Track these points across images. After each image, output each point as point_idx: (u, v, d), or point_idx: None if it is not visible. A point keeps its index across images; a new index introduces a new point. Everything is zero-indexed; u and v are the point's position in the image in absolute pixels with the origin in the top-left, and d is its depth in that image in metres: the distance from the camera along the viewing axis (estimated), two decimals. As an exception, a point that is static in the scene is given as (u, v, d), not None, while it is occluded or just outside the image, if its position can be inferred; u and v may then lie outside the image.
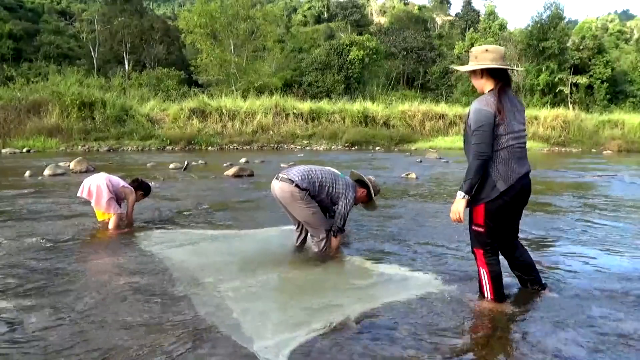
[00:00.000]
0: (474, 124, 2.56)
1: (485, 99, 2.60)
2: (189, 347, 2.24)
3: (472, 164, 2.57)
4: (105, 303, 2.78)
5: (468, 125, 2.64)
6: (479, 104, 2.59)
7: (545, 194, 7.82)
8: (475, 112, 2.57)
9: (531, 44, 35.21)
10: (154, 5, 65.36)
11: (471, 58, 2.68)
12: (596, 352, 2.27)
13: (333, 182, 3.83)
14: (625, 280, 3.34)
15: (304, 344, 2.28)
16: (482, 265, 2.73)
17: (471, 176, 2.57)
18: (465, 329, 2.51)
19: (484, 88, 2.69)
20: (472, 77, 2.73)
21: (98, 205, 4.56)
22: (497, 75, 2.65)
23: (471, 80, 2.76)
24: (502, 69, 2.64)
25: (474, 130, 2.56)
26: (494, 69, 2.63)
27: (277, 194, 3.83)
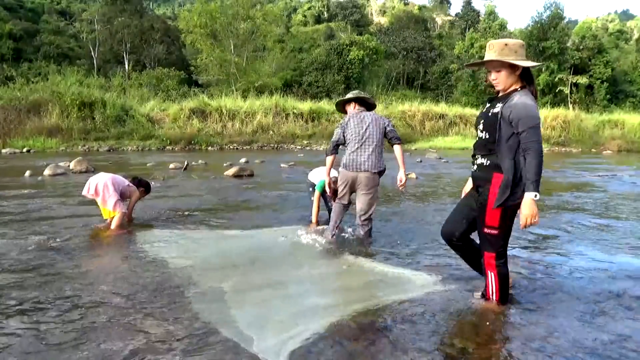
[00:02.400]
0: (531, 120, 2.39)
1: (529, 95, 2.48)
2: (189, 347, 2.24)
3: (535, 162, 2.37)
4: (105, 303, 2.78)
5: (510, 120, 2.43)
6: (528, 98, 2.45)
7: (545, 194, 7.82)
8: (529, 107, 2.40)
9: (531, 44, 35.19)
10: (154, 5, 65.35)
11: (506, 52, 2.49)
12: (597, 351, 2.27)
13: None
14: (625, 280, 3.34)
15: (304, 344, 2.29)
16: (491, 269, 2.62)
17: (538, 176, 2.39)
18: (466, 329, 2.51)
19: (512, 86, 2.56)
20: (503, 71, 2.54)
21: (104, 203, 4.57)
22: (525, 75, 2.59)
23: (492, 74, 2.57)
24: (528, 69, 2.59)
25: (532, 126, 2.38)
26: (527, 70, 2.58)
27: (364, 180, 4.21)
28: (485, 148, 2.57)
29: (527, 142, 2.40)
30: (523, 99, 2.43)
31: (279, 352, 2.20)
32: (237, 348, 2.24)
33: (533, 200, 2.39)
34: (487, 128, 2.55)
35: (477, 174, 2.65)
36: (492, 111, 2.53)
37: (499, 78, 2.55)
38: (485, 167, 2.56)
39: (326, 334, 2.40)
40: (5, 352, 2.18)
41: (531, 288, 3.15)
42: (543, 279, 3.35)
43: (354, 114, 4.38)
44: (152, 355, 2.16)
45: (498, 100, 2.58)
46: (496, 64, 2.53)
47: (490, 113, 2.55)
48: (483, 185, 2.57)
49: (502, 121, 2.46)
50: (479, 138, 2.62)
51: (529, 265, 3.69)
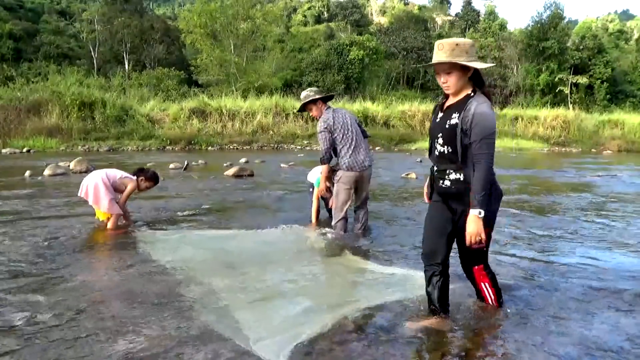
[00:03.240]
0: (486, 130, 2.24)
1: (487, 102, 2.31)
2: (189, 347, 2.24)
3: (483, 176, 2.23)
4: (104, 304, 2.78)
5: (466, 130, 2.28)
6: (486, 106, 2.28)
7: (546, 194, 7.82)
8: (486, 117, 2.25)
9: (531, 44, 35.20)
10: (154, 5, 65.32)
11: (457, 52, 2.27)
12: (597, 351, 2.27)
13: None
14: (625, 280, 3.34)
15: (303, 344, 2.28)
16: (482, 280, 2.57)
17: (486, 189, 2.26)
18: (465, 328, 2.51)
19: (463, 89, 2.37)
20: (454, 74, 2.32)
21: (97, 205, 4.54)
22: (475, 77, 2.39)
23: (441, 77, 2.35)
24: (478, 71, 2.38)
25: (486, 136, 2.23)
26: (476, 71, 2.37)
27: (366, 177, 4.43)
28: (452, 162, 2.38)
29: (478, 154, 2.25)
30: (481, 108, 2.26)
31: (279, 352, 2.20)
32: (237, 348, 2.24)
33: (477, 217, 2.25)
34: (448, 141, 2.36)
35: (453, 191, 2.41)
36: (450, 122, 2.34)
37: (450, 81, 2.34)
38: (463, 182, 2.35)
39: (326, 334, 2.40)
40: (3, 353, 2.18)
41: (531, 288, 3.15)
42: (543, 278, 3.35)
43: (331, 113, 4.37)
44: (151, 355, 2.16)
45: (452, 108, 2.38)
46: (446, 66, 2.31)
47: (447, 125, 2.35)
48: (464, 203, 2.35)
49: (462, 133, 2.29)
50: (441, 152, 2.41)
51: (528, 265, 3.69)
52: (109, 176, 4.59)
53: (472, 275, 2.55)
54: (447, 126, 2.35)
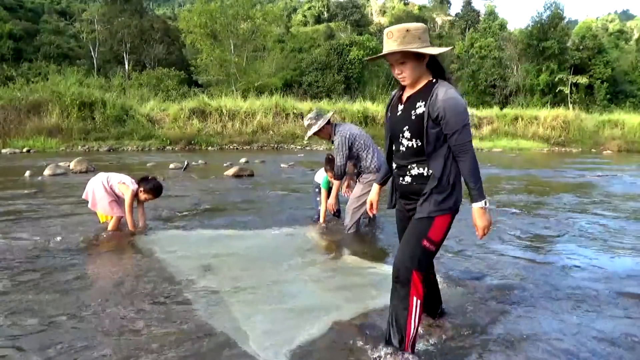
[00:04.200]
0: (462, 118, 2.04)
1: (452, 87, 2.09)
2: (189, 347, 2.24)
3: (473, 166, 2.06)
4: (103, 304, 2.78)
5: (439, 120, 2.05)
6: (453, 92, 2.06)
7: (545, 194, 7.82)
8: (458, 104, 2.03)
9: (531, 44, 35.21)
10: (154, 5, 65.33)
11: (409, 39, 2.03)
12: (597, 351, 2.27)
13: None
14: (625, 280, 3.34)
15: (303, 344, 2.28)
16: (416, 294, 2.07)
17: (480, 181, 2.09)
18: (465, 329, 2.51)
19: (421, 78, 2.14)
20: (409, 63, 2.08)
21: (95, 207, 4.52)
22: (433, 64, 2.16)
23: (395, 68, 2.12)
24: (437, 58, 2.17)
25: (465, 125, 2.04)
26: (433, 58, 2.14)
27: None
28: (418, 156, 2.13)
29: (459, 145, 2.05)
30: (450, 94, 2.03)
31: (279, 352, 2.20)
32: (236, 348, 2.24)
33: (483, 209, 2.08)
34: (417, 134, 2.11)
35: (414, 188, 2.17)
36: (416, 112, 2.10)
37: (405, 72, 2.09)
38: (426, 178, 2.13)
39: (326, 334, 2.40)
40: (3, 353, 2.18)
41: (531, 288, 3.15)
42: (542, 279, 3.35)
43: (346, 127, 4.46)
44: (151, 356, 2.16)
45: (415, 98, 2.13)
46: (399, 55, 2.06)
47: (413, 116, 2.11)
48: (418, 198, 2.16)
49: (430, 122, 2.06)
50: (408, 147, 2.15)
51: (528, 265, 3.69)
52: (109, 180, 4.54)
53: (408, 282, 2.07)
54: (413, 117, 2.11)
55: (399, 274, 2.08)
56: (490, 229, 2.12)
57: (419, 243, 2.08)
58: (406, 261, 2.08)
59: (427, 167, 2.12)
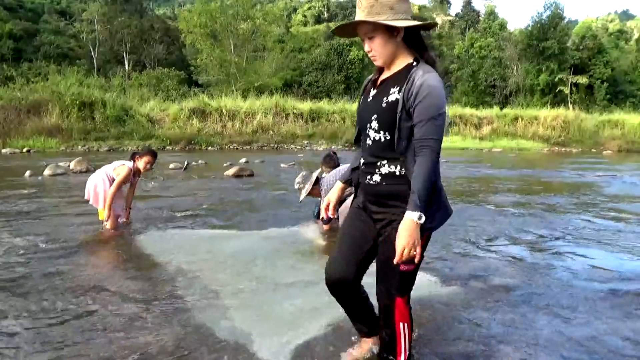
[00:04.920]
0: (433, 109, 1.67)
1: (432, 72, 1.72)
2: (189, 348, 2.24)
3: (427, 168, 1.67)
4: (103, 304, 2.77)
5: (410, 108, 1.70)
6: (433, 77, 1.69)
7: (545, 194, 7.82)
8: (436, 90, 1.67)
9: (531, 44, 35.24)
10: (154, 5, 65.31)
11: (377, 8, 1.69)
12: (596, 351, 2.27)
13: None
14: (625, 280, 3.34)
15: (303, 344, 2.28)
16: (403, 319, 1.87)
17: (428, 190, 1.68)
18: (464, 329, 2.51)
19: (397, 58, 1.79)
20: (378, 38, 1.74)
21: (96, 203, 4.54)
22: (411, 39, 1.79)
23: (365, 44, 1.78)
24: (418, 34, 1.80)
25: (436, 116, 1.67)
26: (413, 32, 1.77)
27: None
28: (389, 152, 1.78)
29: (422, 139, 1.68)
30: (427, 78, 1.67)
31: (279, 352, 2.20)
32: (236, 348, 2.24)
33: (415, 222, 1.65)
34: (386, 125, 1.76)
35: (383, 190, 1.80)
36: (388, 100, 1.75)
37: (375, 48, 1.75)
38: (398, 179, 1.77)
39: (326, 334, 2.39)
40: (1, 352, 2.18)
41: (531, 289, 3.15)
42: (542, 279, 3.35)
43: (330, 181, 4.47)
44: (150, 355, 2.16)
45: (390, 82, 1.79)
46: (367, 28, 1.73)
47: (384, 103, 1.76)
48: (395, 204, 1.77)
49: (404, 114, 1.71)
50: (375, 140, 1.80)
51: (529, 265, 3.69)
52: (108, 174, 4.56)
53: (392, 310, 1.85)
54: (383, 105, 1.76)
55: (381, 304, 1.89)
56: (413, 252, 1.67)
57: (396, 269, 1.76)
58: (387, 292, 1.85)
59: (400, 165, 1.76)
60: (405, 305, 1.86)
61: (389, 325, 1.87)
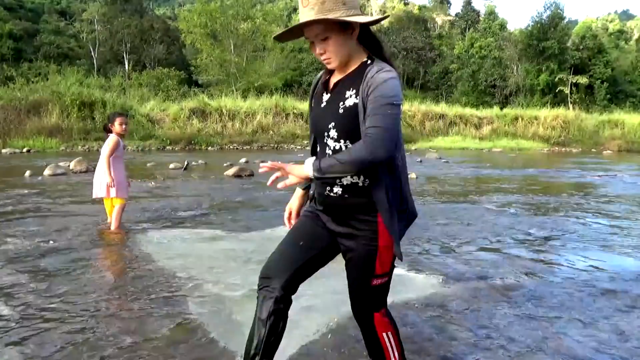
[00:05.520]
0: (385, 98, 1.47)
1: (390, 68, 1.55)
2: (188, 349, 2.24)
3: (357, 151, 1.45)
4: (103, 304, 2.77)
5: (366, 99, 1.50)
6: (389, 73, 1.52)
7: (545, 194, 7.82)
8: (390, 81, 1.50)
9: (531, 44, 35.25)
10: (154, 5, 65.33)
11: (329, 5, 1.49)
12: (596, 351, 2.27)
13: None
14: (625, 280, 3.34)
15: (303, 344, 2.28)
16: (385, 329, 1.74)
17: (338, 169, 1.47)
18: (465, 329, 2.50)
19: (354, 58, 1.61)
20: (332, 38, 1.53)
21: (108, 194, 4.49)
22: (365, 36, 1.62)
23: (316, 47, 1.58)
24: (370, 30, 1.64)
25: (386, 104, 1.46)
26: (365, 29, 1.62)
27: None
28: None
29: (367, 128, 1.46)
30: (381, 73, 1.50)
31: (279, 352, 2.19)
32: (236, 348, 2.24)
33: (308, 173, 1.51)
34: (345, 133, 1.58)
35: (347, 202, 1.61)
36: (345, 105, 1.56)
37: (330, 51, 1.55)
38: (362, 189, 1.58)
39: (326, 335, 2.39)
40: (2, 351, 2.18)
41: (531, 289, 3.15)
42: (542, 279, 3.35)
43: None
44: (149, 355, 2.16)
45: (345, 84, 1.60)
46: (318, 29, 1.52)
47: (341, 109, 1.57)
48: (358, 218, 1.61)
49: (364, 116, 1.51)
50: (336, 150, 1.60)
51: (528, 265, 3.69)
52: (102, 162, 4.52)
53: (371, 325, 1.73)
54: (341, 111, 1.58)
55: (360, 323, 1.76)
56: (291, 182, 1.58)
57: (367, 286, 1.65)
58: (362, 310, 1.72)
59: (363, 175, 1.57)
60: (383, 317, 1.74)
61: (372, 339, 1.76)
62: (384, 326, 1.73)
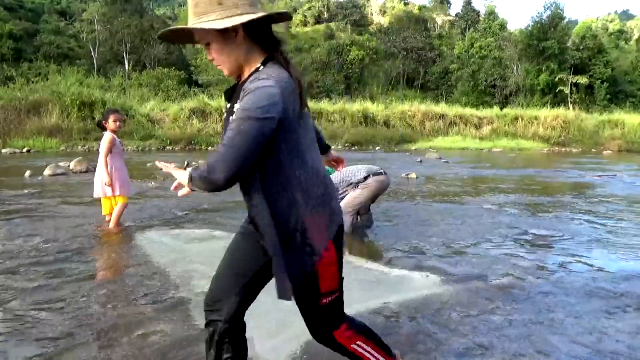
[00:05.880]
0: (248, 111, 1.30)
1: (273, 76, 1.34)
2: (187, 347, 2.24)
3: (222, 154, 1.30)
4: (102, 304, 2.78)
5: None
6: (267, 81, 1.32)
7: (545, 194, 7.83)
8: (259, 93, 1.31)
9: (531, 44, 35.24)
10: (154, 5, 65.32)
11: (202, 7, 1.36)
12: (596, 351, 2.27)
13: None
14: (625, 280, 3.34)
15: (303, 344, 2.28)
16: (352, 341, 1.62)
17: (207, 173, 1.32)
18: (465, 329, 2.51)
19: (248, 64, 1.44)
20: (214, 43, 1.41)
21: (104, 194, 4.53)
22: (261, 37, 1.43)
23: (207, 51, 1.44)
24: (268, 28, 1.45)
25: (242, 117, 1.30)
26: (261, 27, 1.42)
27: (386, 185, 4.66)
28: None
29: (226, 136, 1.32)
30: (256, 84, 1.32)
31: (279, 352, 2.20)
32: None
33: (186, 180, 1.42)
34: None
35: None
36: (232, 118, 1.39)
37: (217, 57, 1.43)
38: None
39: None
40: (3, 349, 2.18)
41: (531, 288, 3.15)
42: (542, 279, 3.35)
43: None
44: (149, 355, 2.16)
45: (235, 97, 1.45)
46: (198, 34, 1.42)
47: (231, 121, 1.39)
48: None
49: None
50: None
51: (528, 265, 3.69)
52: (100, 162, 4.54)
53: (335, 343, 1.63)
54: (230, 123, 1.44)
55: (321, 342, 1.67)
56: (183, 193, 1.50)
57: (316, 308, 1.54)
58: (320, 332, 1.62)
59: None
60: (345, 331, 1.60)
61: (346, 354, 1.65)
62: (350, 339, 1.62)
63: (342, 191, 4.58)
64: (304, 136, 1.45)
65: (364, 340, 1.64)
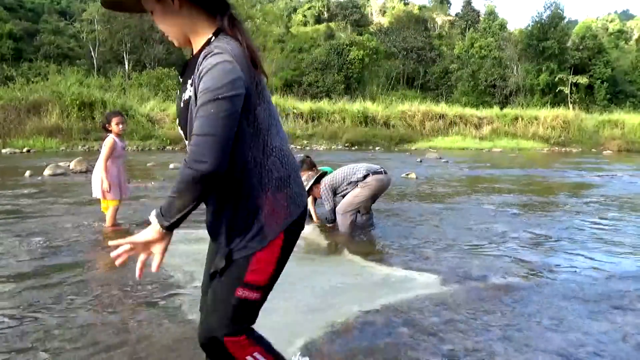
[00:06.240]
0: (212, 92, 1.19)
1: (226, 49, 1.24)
2: (187, 347, 2.24)
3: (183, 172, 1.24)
4: (102, 304, 2.78)
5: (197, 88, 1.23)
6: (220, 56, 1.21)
7: (545, 194, 7.83)
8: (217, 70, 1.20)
9: (531, 44, 35.26)
10: (154, 5, 65.23)
11: None
12: (596, 351, 2.27)
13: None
14: (625, 280, 3.34)
15: (303, 344, 2.28)
16: (248, 351, 1.40)
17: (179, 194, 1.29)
18: (465, 329, 2.51)
19: (196, 36, 1.34)
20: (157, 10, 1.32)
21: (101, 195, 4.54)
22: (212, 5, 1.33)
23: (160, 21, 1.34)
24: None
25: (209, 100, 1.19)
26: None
27: (387, 184, 4.69)
28: None
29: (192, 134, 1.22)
30: (210, 60, 1.21)
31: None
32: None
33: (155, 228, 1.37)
34: (186, 130, 1.35)
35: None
36: (184, 98, 1.33)
37: (160, 26, 1.35)
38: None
39: (326, 335, 2.39)
40: (4, 349, 2.18)
41: (531, 288, 3.15)
42: (541, 279, 3.36)
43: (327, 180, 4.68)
44: (148, 354, 2.16)
45: (188, 71, 1.35)
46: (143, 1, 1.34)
47: (182, 102, 1.34)
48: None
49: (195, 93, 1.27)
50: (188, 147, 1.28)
51: (529, 265, 3.69)
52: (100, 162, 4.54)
53: (222, 350, 1.41)
54: (182, 106, 1.35)
55: (205, 349, 1.48)
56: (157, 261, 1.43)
57: (227, 296, 1.37)
58: (210, 332, 1.41)
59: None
60: (242, 340, 1.39)
61: None
62: (244, 349, 1.39)
63: (342, 190, 4.57)
64: (263, 112, 1.32)
65: (263, 350, 1.41)
